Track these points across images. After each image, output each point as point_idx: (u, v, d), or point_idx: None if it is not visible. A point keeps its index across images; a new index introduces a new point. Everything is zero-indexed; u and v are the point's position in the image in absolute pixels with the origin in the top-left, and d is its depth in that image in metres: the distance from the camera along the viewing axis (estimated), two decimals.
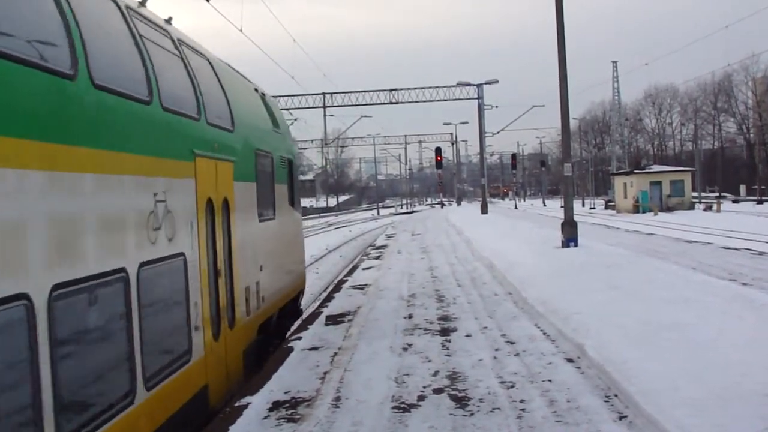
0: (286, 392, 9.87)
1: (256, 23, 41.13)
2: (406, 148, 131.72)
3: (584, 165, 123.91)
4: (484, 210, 60.65)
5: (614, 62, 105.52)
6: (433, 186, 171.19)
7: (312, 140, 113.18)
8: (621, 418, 8.05)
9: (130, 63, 7.49)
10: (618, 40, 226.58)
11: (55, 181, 5.58)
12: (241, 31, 37.53)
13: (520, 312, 14.96)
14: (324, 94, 68.76)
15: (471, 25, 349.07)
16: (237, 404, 9.62)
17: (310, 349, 12.60)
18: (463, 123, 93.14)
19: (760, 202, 76.81)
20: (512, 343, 12.10)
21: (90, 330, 6.22)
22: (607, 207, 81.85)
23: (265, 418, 8.87)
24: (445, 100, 67.79)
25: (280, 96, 68.09)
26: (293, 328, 15.86)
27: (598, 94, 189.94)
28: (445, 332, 13.33)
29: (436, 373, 10.35)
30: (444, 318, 14.77)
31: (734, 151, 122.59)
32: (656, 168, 74.17)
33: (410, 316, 15.14)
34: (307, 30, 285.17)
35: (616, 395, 8.79)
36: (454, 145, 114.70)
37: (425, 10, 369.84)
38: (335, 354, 12.04)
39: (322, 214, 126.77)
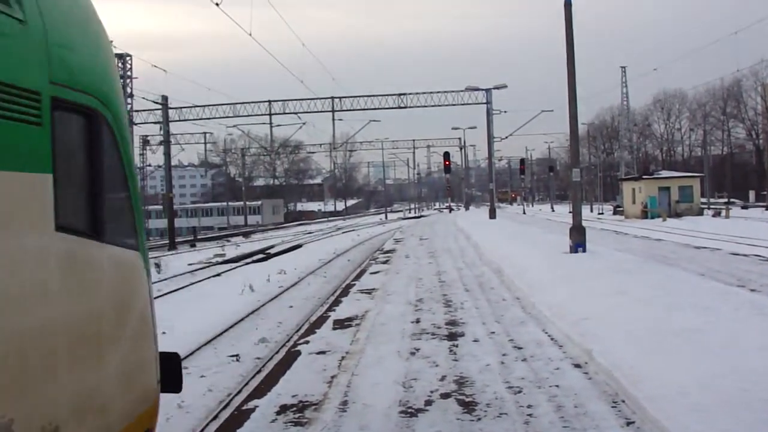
0: (293, 396, 9.88)
1: (266, 27, 41.28)
2: (414, 153, 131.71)
3: (592, 170, 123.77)
4: (492, 215, 60.62)
5: (623, 67, 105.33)
6: (441, 190, 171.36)
7: (321, 144, 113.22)
8: (628, 423, 8.03)
9: None
10: (627, 45, 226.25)
11: None
12: (250, 35, 37.78)
13: (527, 317, 14.94)
14: (333, 98, 68.85)
15: (479, 30, 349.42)
16: (244, 408, 9.63)
17: (318, 353, 12.61)
18: (471, 128, 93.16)
19: None
20: (520, 348, 12.08)
21: None
22: (615, 212, 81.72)
23: (273, 421, 8.88)
24: (454, 104, 67.91)
25: (289, 100, 68.32)
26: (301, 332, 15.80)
27: (606, 100, 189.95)
28: (452, 337, 13.32)
29: (443, 378, 10.34)
30: (451, 323, 14.76)
31: (743, 156, 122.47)
32: (665, 174, 74.13)
33: (418, 321, 15.13)
34: (316, 34, 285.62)
35: (623, 401, 8.77)
36: (463, 150, 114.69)
37: (433, 15, 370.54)
38: (342, 358, 12.05)
39: (330, 218, 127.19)
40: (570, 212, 35.30)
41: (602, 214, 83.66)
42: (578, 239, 25.11)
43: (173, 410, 12.21)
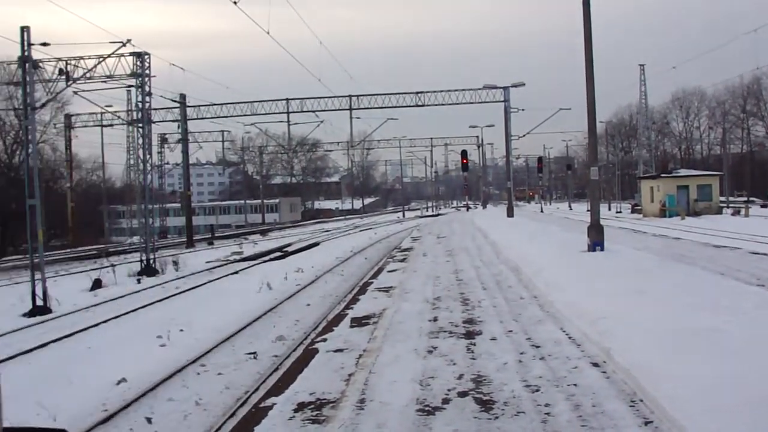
0: (311, 393, 9.89)
1: (284, 26, 41.31)
2: (432, 151, 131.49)
3: (610, 168, 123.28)
4: (509, 213, 60.50)
5: (641, 65, 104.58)
6: (459, 189, 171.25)
7: (338, 142, 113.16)
8: (646, 423, 7.99)
9: None
10: (645, 43, 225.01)
11: None
12: (268, 33, 37.84)
13: (545, 316, 14.89)
14: (350, 96, 68.78)
15: (498, 28, 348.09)
16: (262, 405, 9.65)
17: (335, 351, 12.62)
18: (489, 126, 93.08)
19: None
20: (537, 346, 12.04)
21: None
22: (633, 211, 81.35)
23: (291, 418, 8.89)
24: (472, 103, 67.60)
25: (306, 98, 68.40)
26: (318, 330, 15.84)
27: (625, 98, 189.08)
28: (469, 335, 13.30)
29: (460, 377, 10.33)
30: (469, 321, 14.73)
31: (763, 155, 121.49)
32: (683, 172, 73.69)
33: (435, 319, 15.11)
34: (333, 32, 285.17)
35: (641, 400, 8.73)
36: (480, 148, 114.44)
37: (451, 13, 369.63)
38: (360, 356, 12.05)
39: (347, 216, 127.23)
40: (588, 210, 35.16)
41: (620, 212, 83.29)
42: (596, 238, 25.01)
43: (191, 407, 12.27)
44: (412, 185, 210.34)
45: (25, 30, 27.85)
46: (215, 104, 69.03)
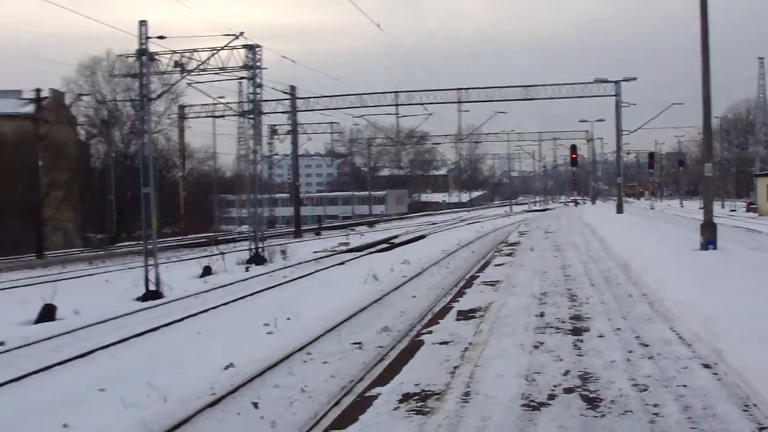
0: (416, 384, 9.93)
1: (393, 18, 41.53)
2: (540, 145, 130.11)
3: (725, 165, 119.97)
4: (619, 209, 59.51)
5: (760, 58, 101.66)
6: (567, 184, 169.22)
7: (446, 135, 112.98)
8: (761, 429, 7.76)
9: None
10: (765, 35, 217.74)
11: None
12: (378, 26, 38.13)
13: (655, 314, 14.60)
14: (459, 89, 68.67)
15: (609, 22, 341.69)
16: (366, 395, 9.73)
17: (441, 344, 12.63)
18: (599, 120, 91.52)
19: None
20: (646, 345, 11.82)
21: None
22: (748, 210, 79.17)
23: (395, 409, 8.95)
24: (582, 96, 66.70)
25: (415, 91, 68.54)
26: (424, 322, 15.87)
27: (742, 92, 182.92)
28: (576, 332, 13.14)
29: (566, 373, 10.22)
30: (576, 317, 14.56)
31: None
32: None
33: (541, 314, 14.97)
34: (443, 25, 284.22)
35: (755, 405, 8.48)
36: (590, 143, 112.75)
37: (565, 8, 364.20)
38: (465, 349, 12.03)
39: (454, 210, 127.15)
40: (700, 208, 34.30)
41: (734, 211, 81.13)
42: (709, 236, 24.38)
43: (297, 394, 12.49)
44: (520, 179, 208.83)
45: (142, 24, 28.67)
46: (324, 96, 69.82)
